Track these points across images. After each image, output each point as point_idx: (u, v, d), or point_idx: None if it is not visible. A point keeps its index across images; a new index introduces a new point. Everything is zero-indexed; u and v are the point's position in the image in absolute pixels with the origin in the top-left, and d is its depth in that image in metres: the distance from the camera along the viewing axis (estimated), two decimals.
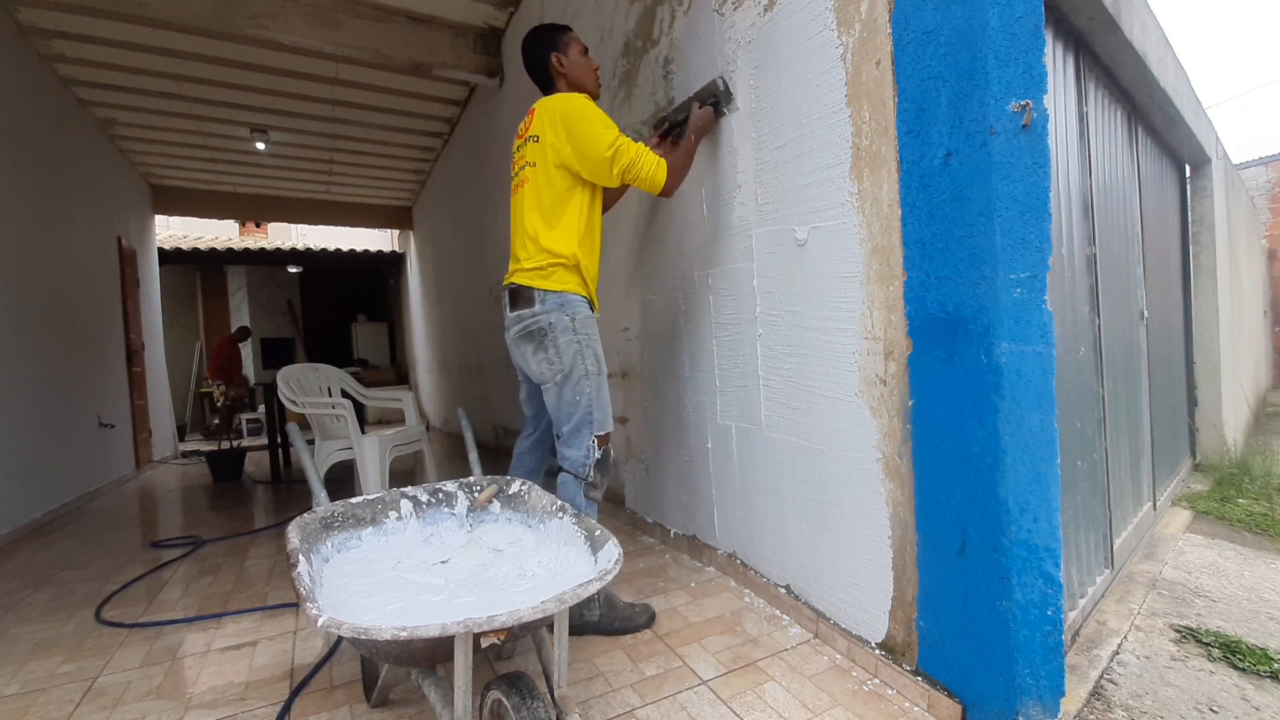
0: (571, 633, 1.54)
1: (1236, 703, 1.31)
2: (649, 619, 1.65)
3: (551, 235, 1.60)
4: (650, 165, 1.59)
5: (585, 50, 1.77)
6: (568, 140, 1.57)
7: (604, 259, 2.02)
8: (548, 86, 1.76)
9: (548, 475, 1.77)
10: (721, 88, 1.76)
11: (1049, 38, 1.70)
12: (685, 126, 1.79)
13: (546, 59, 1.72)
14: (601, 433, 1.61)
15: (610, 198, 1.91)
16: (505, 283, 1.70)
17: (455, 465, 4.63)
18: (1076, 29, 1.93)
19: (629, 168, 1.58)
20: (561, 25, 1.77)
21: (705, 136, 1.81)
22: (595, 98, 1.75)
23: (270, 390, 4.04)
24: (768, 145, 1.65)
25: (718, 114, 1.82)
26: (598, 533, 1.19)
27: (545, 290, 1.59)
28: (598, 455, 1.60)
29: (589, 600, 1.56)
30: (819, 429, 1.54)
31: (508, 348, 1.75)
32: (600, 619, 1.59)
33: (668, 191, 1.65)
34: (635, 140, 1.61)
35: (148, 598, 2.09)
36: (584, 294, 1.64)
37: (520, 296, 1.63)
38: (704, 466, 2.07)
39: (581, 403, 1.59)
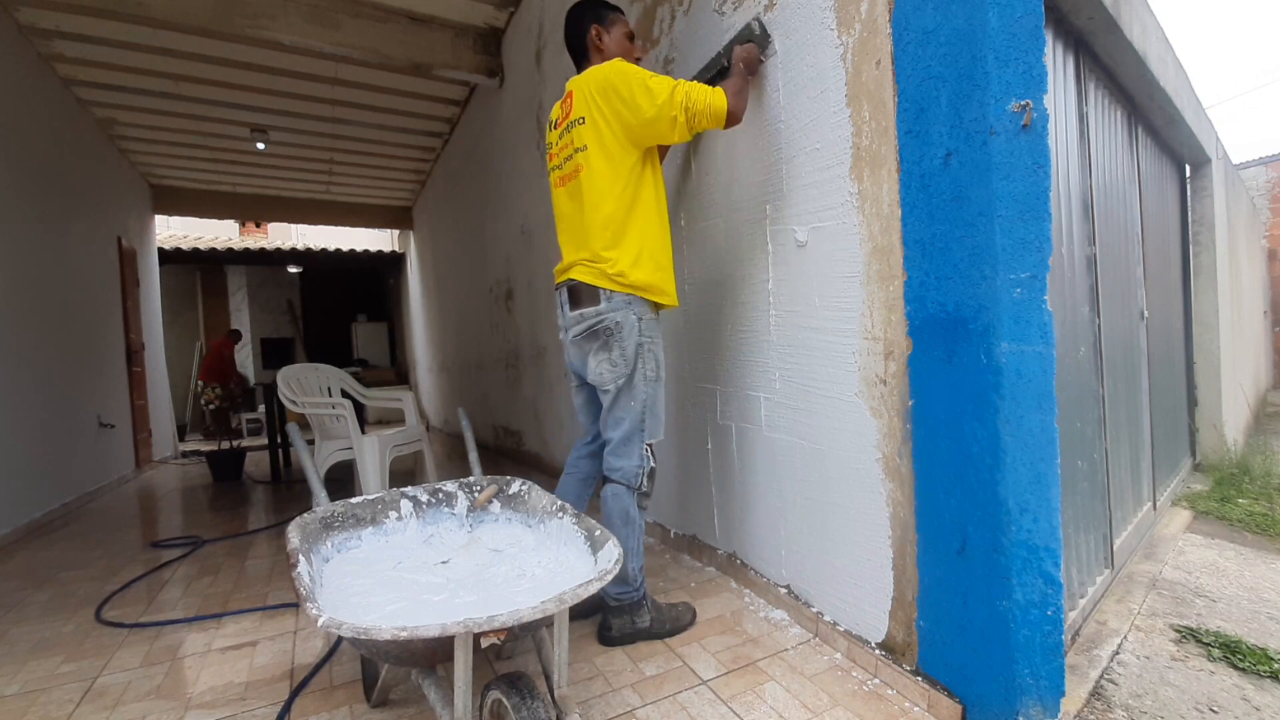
0: (624, 641, 1.54)
1: (1236, 703, 1.31)
2: (693, 616, 1.63)
3: (622, 226, 1.48)
4: (703, 96, 1.41)
5: (632, 36, 1.65)
6: (622, 106, 1.43)
7: None
8: (581, 61, 1.64)
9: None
10: (757, 30, 1.59)
11: (1049, 38, 1.70)
12: (729, 71, 1.61)
13: (586, 30, 1.60)
14: (653, 440, 1.53)
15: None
16: (562, 278, 1.57)
17: (455, 465, 4.63)
18: (1076, 29, 1.93)
19: (690, 110, 1.40)
20: (613, 3, 1.66)
21: (754, 73, 1.61)
22: None
23: (270, 390, 4.04)
24: (767, 145, 1.65)
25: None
26: (598, 533, 1.19)
27: (612, 290, 1.48)
28: (652, 464, 1.53)
29: (639, 609, 1.54)
30: (819, 429, 1.54)
31: (565, 349, 1.64)
32: (652, 624, 1.56)
33: (734, 117, 1.46)
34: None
35: (148, 598, 2.09)
36: (652, 296, 1.52)
37: (582, 294, 1.51)
38: (704, 466, 2.07)
39: (636, 408, 1.50)
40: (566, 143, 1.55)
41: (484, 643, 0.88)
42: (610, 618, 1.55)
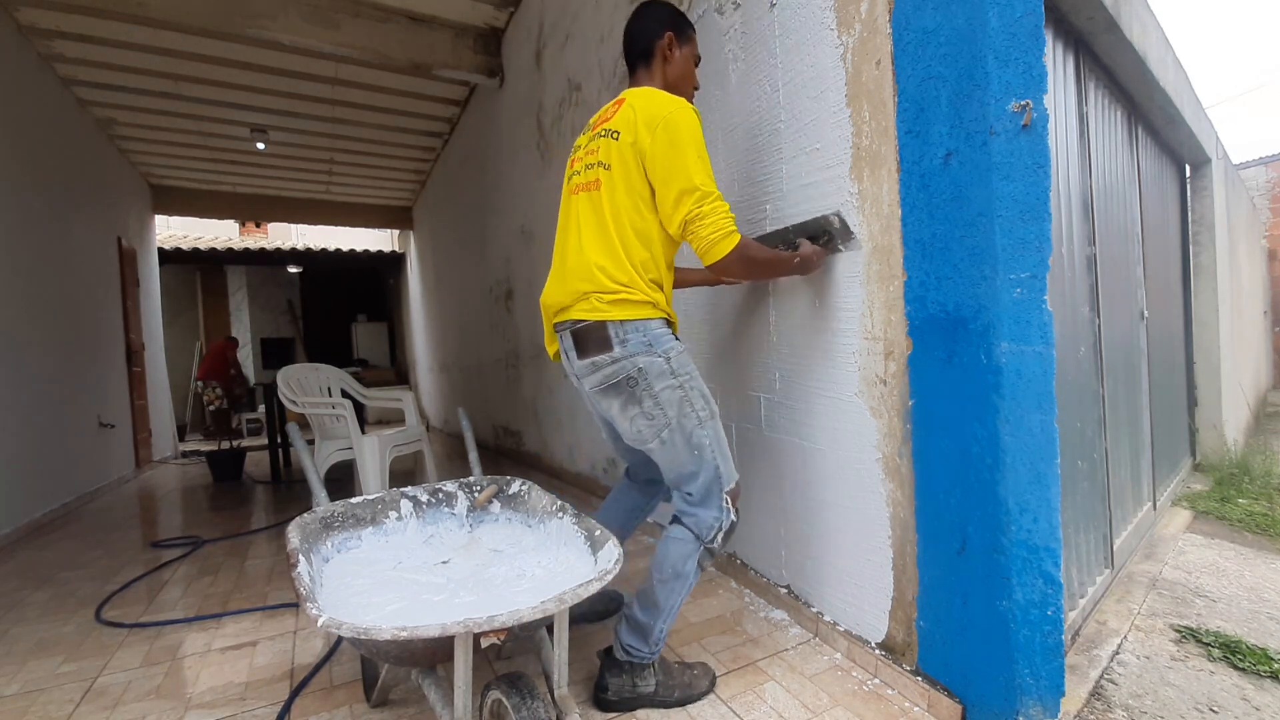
0: (621, 708, 1.29)
1: (1236, 703, 1.31)
2: (711, 682, 1.35)
3: (629, 252, 1.27)
4: (716, 226, 1.21)
5: (698, 61, 1.50)
6: (652, 164, 1.25)
7: None
8: (637, 64, 1.43)
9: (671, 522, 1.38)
10: (837, 224, 1.39)
11: (1049, 38, 1.70)
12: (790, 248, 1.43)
13: (659, 34, 1.40)
14: (731, 486, 1.30)
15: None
16: (561, 319, 1.35)
17: (455, 465, 4.63)
18: (1076, 29, 1.93)
19: (694, 220, 1.22)
20: (690, 20, 1.49)
21: (806, 273, 1.45)
22: None
23: (270, 390, 4.04)
24: (767, 145, 1.65)
25: (830, 251, 1.46)
26: (598, 533, 1.19)
27: (622, 322, 1.25)
28: (733, 518, 1.30)
29: (643, 671, 1.30)
30: (819, 429, 1.54)
31: (582, 396, 1.41)
32: (656, 689, 1.30)
33: (722, 267, 1.25)
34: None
35: (148, 598, 2.09)
36: (664, 314, 1.30)
37: (589, 338, 1.28)
38: None
39: (705, 459, 1.28)
40: (594, 149, 1.35)
41: (484, 643, 0.88)
42: (609, 676, 1.31)
